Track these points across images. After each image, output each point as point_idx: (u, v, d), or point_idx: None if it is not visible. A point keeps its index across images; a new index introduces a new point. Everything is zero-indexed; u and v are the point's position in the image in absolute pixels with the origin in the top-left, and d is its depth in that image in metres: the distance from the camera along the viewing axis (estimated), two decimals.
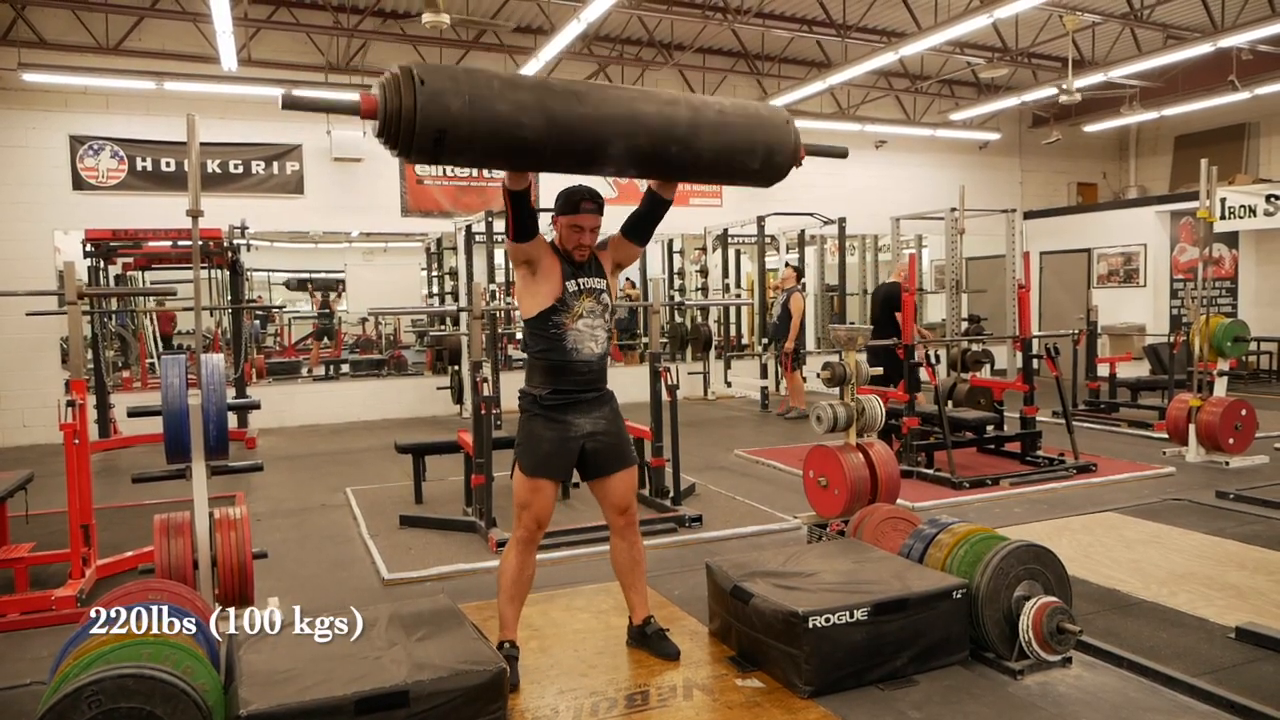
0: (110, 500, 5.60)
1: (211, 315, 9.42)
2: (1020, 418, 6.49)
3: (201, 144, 3.36)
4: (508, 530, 3.59)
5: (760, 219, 10.10)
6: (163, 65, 8.85)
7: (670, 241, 12.02)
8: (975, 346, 7.27)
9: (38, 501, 4.67)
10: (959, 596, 3.00)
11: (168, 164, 9.17)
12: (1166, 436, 6.87)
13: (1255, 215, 10.86)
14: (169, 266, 9.95)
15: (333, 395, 10.14)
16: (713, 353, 11.04)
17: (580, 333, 2.99)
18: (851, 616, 2.86)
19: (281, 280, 12.67)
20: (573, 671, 3.06)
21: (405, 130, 2.39)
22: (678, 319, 11.14)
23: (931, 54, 10.48)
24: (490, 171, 10.58)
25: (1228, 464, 6.28)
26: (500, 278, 9.86)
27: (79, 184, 8.89)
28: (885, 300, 7.71)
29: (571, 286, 2.99)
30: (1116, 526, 4.79)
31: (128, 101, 8.98)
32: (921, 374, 6.32)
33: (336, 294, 12.08)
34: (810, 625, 2.81)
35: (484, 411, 4.80)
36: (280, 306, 12.31)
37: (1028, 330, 6.60)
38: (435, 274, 11.07)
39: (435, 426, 8.92)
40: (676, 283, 12.05)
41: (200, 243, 3.42)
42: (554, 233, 3.08)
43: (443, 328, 10.48)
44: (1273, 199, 10.65)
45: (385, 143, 2.45)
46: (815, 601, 2.91)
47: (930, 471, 5.99)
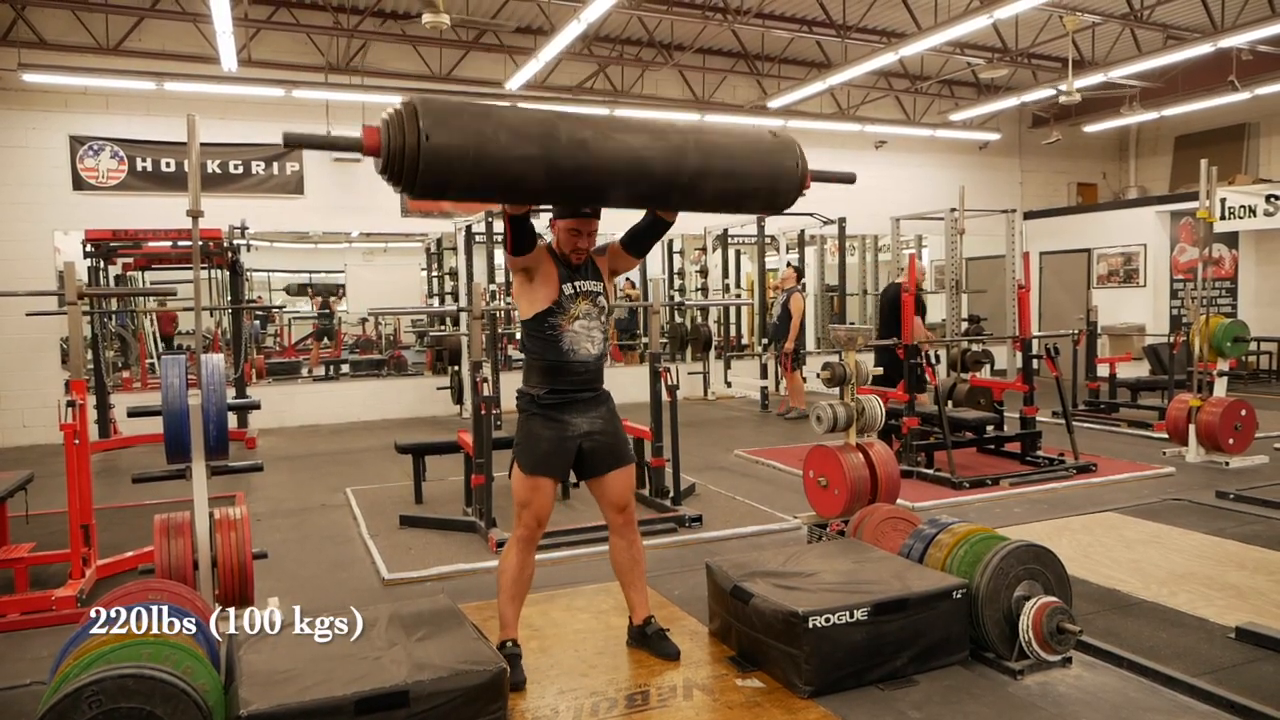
0: (110, 500, 5.61)
1: (211, 315, 9.42)
2: (1020, 418, 6.49)
3: (201, 144, 3.36)
4: (507, 530, 3.59)
5: (760, 219, 10.11)
6: (163, 65, 8.85)
7: (670, 241, 11.99)
8: (975, 347, 7.27)
9: (38, 501, 4.68)
10: (959, 596, 3.00)
11: (168, 164, 9.17)
12: (1166, 436, 6.87)
13: (1255, 215, 10.87)
14: (169, 267, 9.94)
15: (333, 395, 10.14)
16: (713, 353, 11.04)
17: (577, 334, 3.00)
18: (851, 616, 2.86)
19: (282, 285, 12.67)
20: (573, 671, 3.06)
21: (409, 170, 2.38)
22: (678, 319, 11.13)
23: (931, 54, 10.47)
24: None
25: (1228, 464, 6.28)
26: (500, 278, 9.85)
27: (79, 184, 8.89)
28: (894, 301, 7.69)
29: (568, 289, 2.99)
30: (1116, 526, 4.79)
31: (128, 102, 8.98)
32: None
33: (337, 298, 12.08)
34: (810, 625, 2.81)
35: (484, 411, 4.81)
36: (280, 307, 12.32)
37: (1028, 330, 6.60)
38: (435, 274, 11.07)
39: (435, 426, 8.92)
40: (676, 283, 12.04)
41: (200, 243, 3.42)
42: (552, 235, 3.09)
43: (443, 328, 10.49)
44: (1273, 199, 10.65)
45: (388, 179, 2.44)
46: (815, 601, 2.91)
47: (930, 471, 6.00)
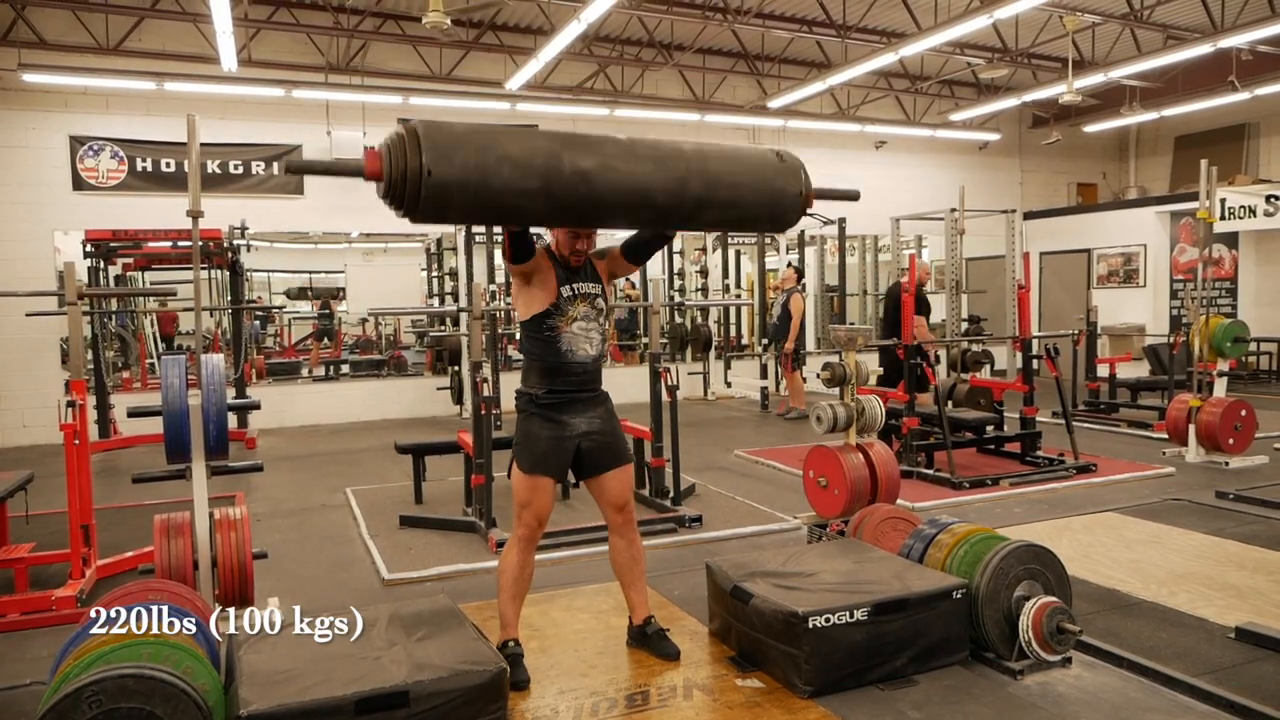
0: (110, 500, 5.61)
1: (211, 316, 9.42)
2: (1020, 418, 6.49)
3: (201, 144, 3.36)
4: (507, 530, 3.59)
5: None
6: (163, 65, 8.85)
7: (671, 242, 11.97)
8: (975, 347, 7.27)
9: (38, 501, 4.68)
10: (959, 596, 3.00)
11: (168, 164, 9.17)
12: (1166, 437, 6.87)
13: (1255, 216, 10.87)
14: (169, 267, 9.93)
15: (333, 396, 10.14)
16: (713, 353, 11.05)
17: (575, 335, 3.00)
18: (851, 616, 2.86)
19: (282, 286, 12.67)
20: (573, 671, 3.06)
21: (410, 198, 2.36)
22: (678, 319, 11.13)
23: (931, 54, 10.47)
24: None
25: (1227, 464, 6.28)
26: (500, 278, 9.86)
27: (79, 184, 8.89)
28: (899, 300, 7.69)
29: (566, 292, 2.99)
30: (1116, 526, 4.79)
31: (128, 102, 8.98)
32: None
33: (337, 300, 12.09)
34: (810, 625, 2.81)
35: (484, 412, 4.81)
36: (280, 307, 12.32)
37: (1027, 331, 6.60)
38: (435, 274, 11.07)
39: (435, 427, 8.92)
40: (676, 283, 12.03)
41: (200, 243, 3.42)
42: (550, 237, 3.08)
43: (442, 328, 10.49)
44: (1272, 199, 10.65)
45: (390, 204, 2.42)
46: (815, 601, 2.91)
47: (930, 472, 6.00)
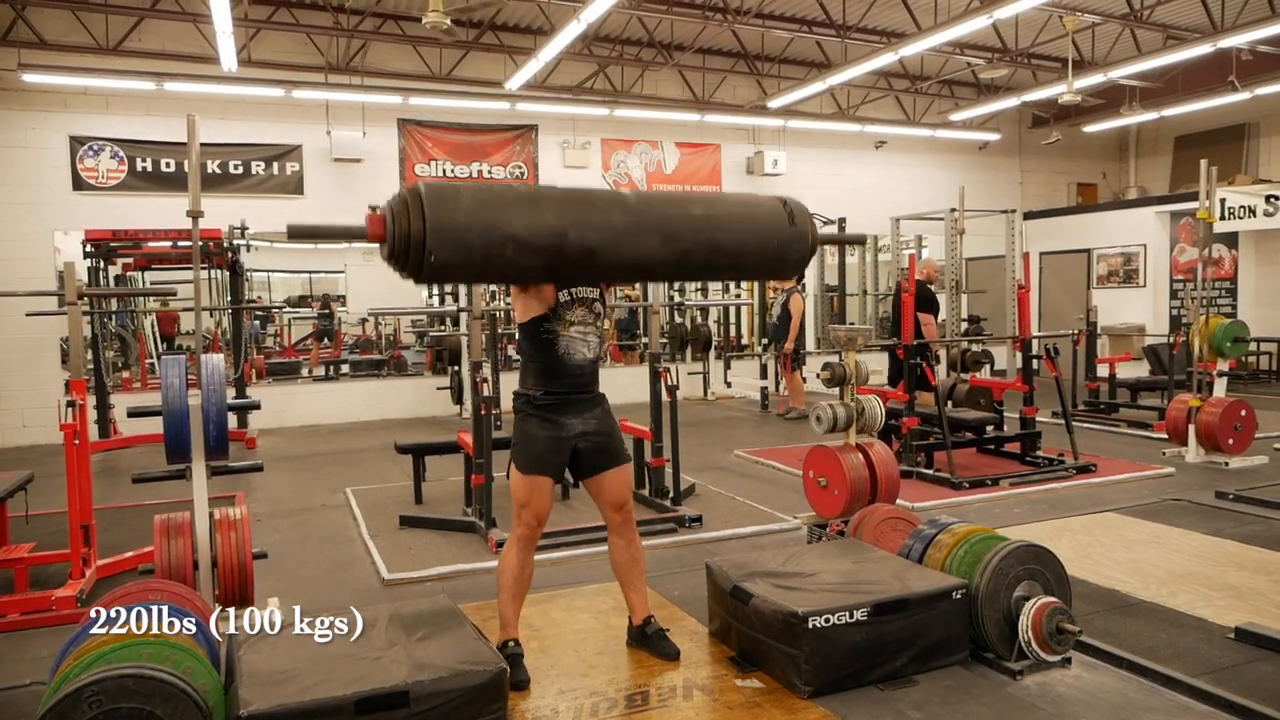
0: (110, 500, 5.61)
1: (211, 316, 9.42)
2: (1020, 418, 6.49)
3: (201, 144, 3.37)
4: (507, 530, 3.59)
5: None
6: (163, 66, 8.85)
7: None
8: (975, 347, 7.27)
9: (38, 501, 4.67)
10: (959, 597, 3.00)
11: (168, 164, 9.17)
12: (1166, 437, 6.87)
13: (1255, 216, 10.87)
14: (169, 267, 9.91)
15: (333, 396, 10.14)
16: (712, 353, 11.05)
17: (572, 339, 3.00)
18: (851, 617, 2.86)
19: (281, 287, 12.65)
20: (573, 671, 3.06)
21: (414, 268, 2.37)
22: (677, 319, 11.14)
23: (931, 54, 10.47)
24: (491, 171, 10.58)
25: (1227, 464, 6.28)
26: None
27: (79, 184, 8.89)
28: (918, 299, 7.68)
29: (564, 296, 2.99)
30: (1116, 527, 4.79)
31: (128, 102, 8.98)
32: None
33: (337, 303, 12.08)
34: (810, 625, 2.81)
35: (484, 412, 4.81)
36: (280, 307, 12.31)
37: (1027, 331, 6.60)
38: None
39: (435, 427, 8.92)
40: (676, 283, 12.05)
41: (200, 243, 3.42)
42: None
43: (442, 328, 10.48)
44: (1272, 199, 10.65)
45: (393, 266, 2.42)
46: (815, 602, 2.92)
47: (930, 472, 6.00)
